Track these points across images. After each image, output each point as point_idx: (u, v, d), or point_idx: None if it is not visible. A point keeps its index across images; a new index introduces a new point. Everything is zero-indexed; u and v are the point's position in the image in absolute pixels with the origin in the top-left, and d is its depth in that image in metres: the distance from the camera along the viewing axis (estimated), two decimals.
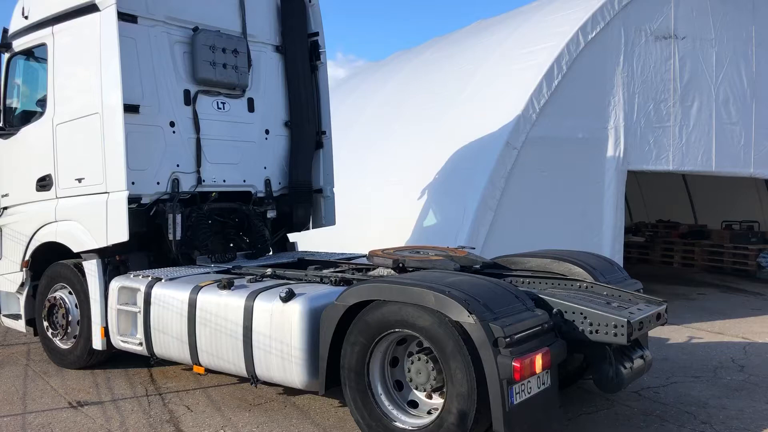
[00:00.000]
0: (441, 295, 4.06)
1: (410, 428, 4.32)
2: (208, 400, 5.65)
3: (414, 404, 4.48)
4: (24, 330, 7.09)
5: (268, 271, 5.77)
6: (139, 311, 5.69)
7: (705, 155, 9.67)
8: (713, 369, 6.51)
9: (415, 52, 15.06)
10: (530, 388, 4.03)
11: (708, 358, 6.91)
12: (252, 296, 4.99)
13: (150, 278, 5.76)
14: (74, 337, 6.49)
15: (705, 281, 12.75)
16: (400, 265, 5.41)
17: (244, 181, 7.04)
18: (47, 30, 6.54)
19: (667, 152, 9.39)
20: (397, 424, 4.38)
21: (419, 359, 4.27)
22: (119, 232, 5.88)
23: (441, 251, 5.73)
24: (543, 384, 4.13)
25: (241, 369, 5.05)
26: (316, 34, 7.56)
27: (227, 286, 5.19)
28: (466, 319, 3.94)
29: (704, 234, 14.76)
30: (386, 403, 4.47)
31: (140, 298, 5.69)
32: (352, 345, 4.48)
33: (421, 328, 4.18)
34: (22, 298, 7.00)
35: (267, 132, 7.22)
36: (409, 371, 4.37)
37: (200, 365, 5.34)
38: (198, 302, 5.27)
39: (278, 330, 4.77)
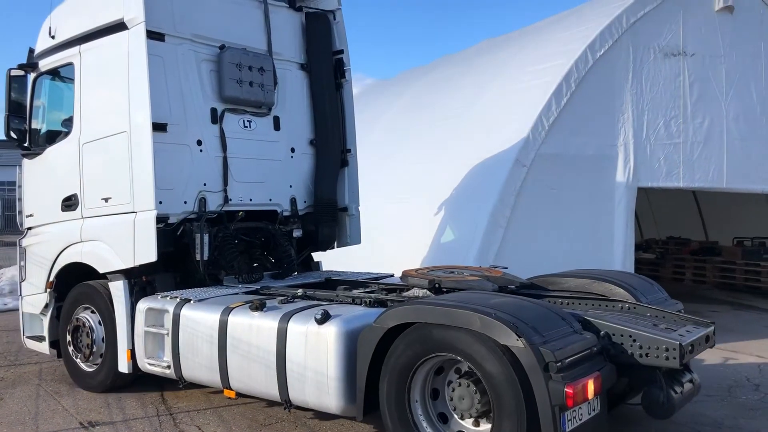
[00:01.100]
0: (487, 317, 3.91)
1: None
2: (219, 420, 5.56)
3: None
4: (48, 352, 6.97)
5: (299, 291, 5.65)
6: (167, 333, 5.57)
7: (716, 172, 9.57)
8: (728, 388, 6.38)
9: (423, 70, 15.03)
10: (581, 414, 3.87)
11: (722, 377, 6.76)
12: (285, 318, 4.86)
13: (178, 299, 5.64)
14: (99, 360, 6.37)
15: (717, 298, 12.55)
16: (436, 285, 5.27)
17: (270, 199, 6.96)
18: (74, 49, 6.51)
19: (678, 169, 9.29)
20: None
21: (468, 386, 4.11)
22: (147, 253, 5.79)
23: (476, 271, 5.59)
24: (594, 410, 3.98)
25: (274, 393, 4.91)
26: (341, 51, 7.49)
27: (259, 307, 5.06)
28: (515, 343, 3.80)
29: (715, 250, 14.57)
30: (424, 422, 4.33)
31: (168, 320, 5.57)
32: (397, 357, 4.32)
33: (464, 353, 4.03)
34: (46, 320, 6.89)
35: (293, 150, 7.15)
36: (452, 399, 4.23)
37: (231, 389, 5.20)
38: (229, 324, 5.15)
39: (313, 353, 4.63)
